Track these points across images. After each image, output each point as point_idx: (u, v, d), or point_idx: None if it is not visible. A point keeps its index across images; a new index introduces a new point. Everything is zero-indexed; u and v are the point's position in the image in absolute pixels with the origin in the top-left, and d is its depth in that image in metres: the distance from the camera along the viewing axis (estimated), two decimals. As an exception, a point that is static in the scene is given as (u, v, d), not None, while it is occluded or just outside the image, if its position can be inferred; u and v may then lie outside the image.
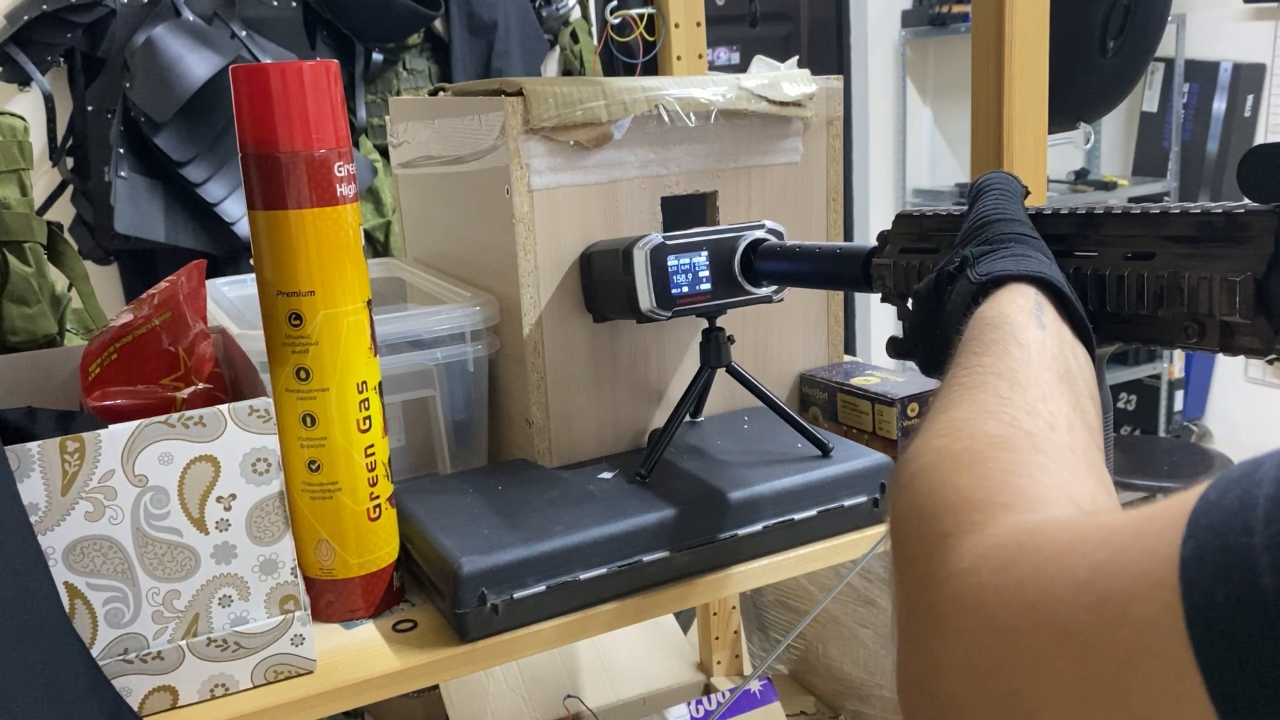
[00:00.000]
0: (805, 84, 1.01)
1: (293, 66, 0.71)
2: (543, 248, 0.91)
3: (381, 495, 0.79)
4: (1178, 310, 0.53)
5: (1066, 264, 0.59)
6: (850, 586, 1.45)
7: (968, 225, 0.61)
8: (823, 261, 0.81)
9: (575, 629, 0.79)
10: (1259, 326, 0.50)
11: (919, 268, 0.68)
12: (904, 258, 0.70)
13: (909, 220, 0.72)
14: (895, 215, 0.73)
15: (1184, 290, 0.52)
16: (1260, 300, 0.50)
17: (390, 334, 0.90)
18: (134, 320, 0.82)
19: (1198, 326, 0.53)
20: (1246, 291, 0.50)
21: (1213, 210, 0.53)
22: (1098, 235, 0.59)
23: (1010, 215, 0.60)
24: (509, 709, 1.42)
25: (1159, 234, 0.55)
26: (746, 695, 1.43)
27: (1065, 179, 3.77)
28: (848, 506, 0.88)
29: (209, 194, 1.77)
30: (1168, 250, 0.54)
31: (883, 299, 0.73)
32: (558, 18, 2.16)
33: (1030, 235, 0.59)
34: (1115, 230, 0.58)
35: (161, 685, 0.70)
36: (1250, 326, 0.50)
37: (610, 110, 0.91)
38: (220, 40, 1.79)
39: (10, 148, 1.20)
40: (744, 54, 3.39)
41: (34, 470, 0.64)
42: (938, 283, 0.60)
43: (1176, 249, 0.54)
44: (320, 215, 0.73)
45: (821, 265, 0.81)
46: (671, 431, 0.90)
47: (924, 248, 0.69)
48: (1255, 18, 3.65)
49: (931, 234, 0.69)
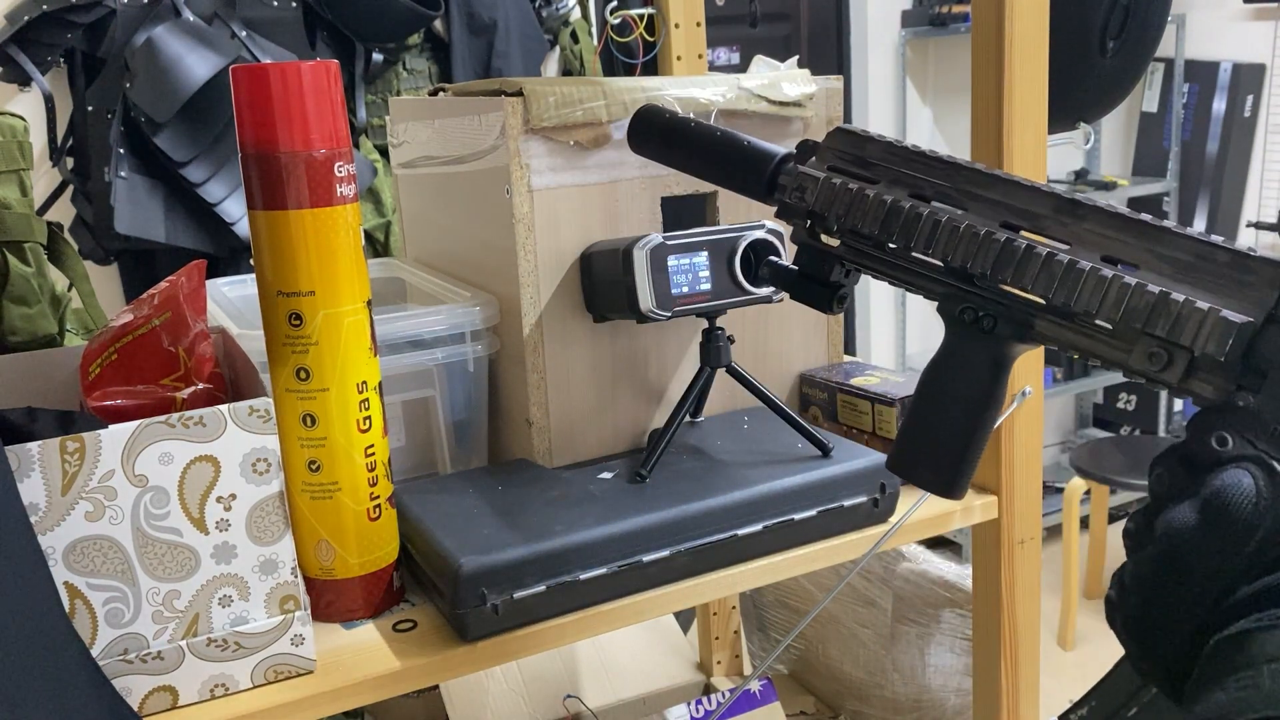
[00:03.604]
0: (805, 84, 1.01)
1: (293, 66, 0.71)
2: (543, 248, 0.91)
3: (381, 495, 0.79)
4: (1152, 331, 0.49)
5: (1026, 247, 0.53)
6: (850, 586, 1.45)
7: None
8: (721, 148, 0.71)
9: (575, 629, 0.79)
10: (1225, 375, 0.47)
11: (853, 196, 0.60)
12: (834, 176, 0.62)
13: (849, 138, 0.63)
14: (833, 129, 0.65)
15: (1170, 314, 0.48)
16: (1247, 350, 0.46)
17: (390, 334, 0.90)
18: (134, 320, 0.82)
19: (1165, 355, 0.49)
20: (1242, 335, 0.46)
21: (1219, 243, 0.49)
22: (1076, 227, 0.53)
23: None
24: (509, 709, 1.42)
25: (1150, 247, 0.51)
26: (746, 695, 1.43)
27: (1065, 179, 3.78)
28: (848, 506, 0.88)
29: (209, 194, 1.77)
30: (1154, 266, 0.50)
31: (779, 213, 0.66)
32: (558, 18, 2.16)
33: None
34: (1097, 227, 0.53)
35: (161, 685, 0.70)
36: (1217, 371, 0.47)
37: (610, 110, 0.91)
38: (220, 40, 1.79)
39: (10, 148, 1.20)
40: (744, 54, 3.39)
41: (34, 470, 0.64)
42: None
43: (1164, 268, 0.50)
44: (320, 215, 0.73)
45: (718, 150, 0.71)
46: (671, 431, 0.90)
47: (861, 175, 0.61)
48: (1255, 18, 3.65)
49: (874, 162, 0.61)
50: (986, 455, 0.96)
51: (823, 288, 0.65)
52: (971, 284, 0.57)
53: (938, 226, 0.56)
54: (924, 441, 0.61)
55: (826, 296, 0.66)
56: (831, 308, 0.66)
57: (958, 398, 0.59)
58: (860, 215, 0.60)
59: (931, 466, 0.60)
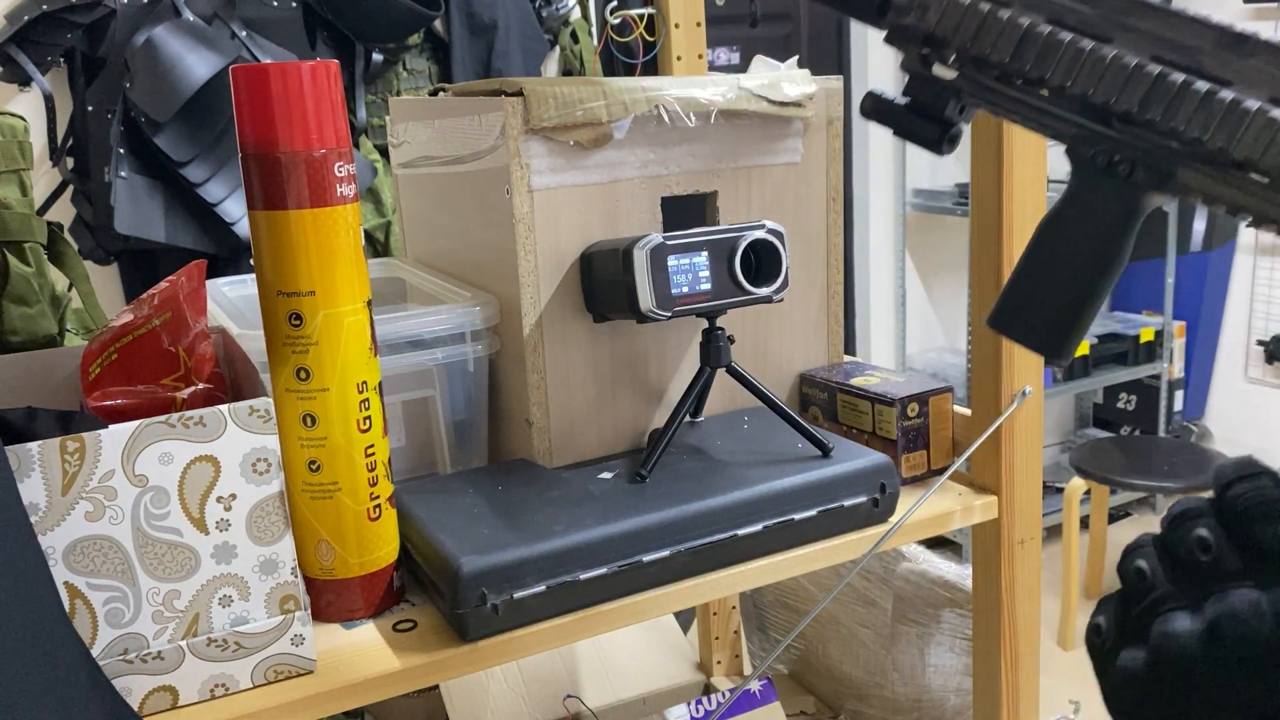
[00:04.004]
0: (805, 84, 1.01)
1: (293, 66, 0.71)
2: (543, 248, 0.91)
3: (382, 495, 0.79)
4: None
5: (1183, 82, 0.47)
6: (850, 586, 1.45)
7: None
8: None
9: (575, 629, 0.79)
10: None
11: (984, 17, 0.52)
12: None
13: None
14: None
15: None
16: None
17: (390, 334, 0.90)
18: (134, 320, 0.82)
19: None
20: None
21: None
22: (1241, 64, 0.47)
23: None
24: (509, 709, 1.42)
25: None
26: (746, 695, 1.43)
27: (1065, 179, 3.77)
28: (848, 506, 0.88)
29: (209, 194, 1.78)
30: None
31: (889, 37, 0.58)
32: (558, 18, 2.16)
33: None
34: (1267, 65, 0.46)
35: (161, 685, 0.70)
36: None
37: (610, 110, 0.91)
38: (220, 40, 1.79)
39: (10, 148, 1.20)
40: (744, 54, 3.39)
41: (34, 470, 0.64)
42: None
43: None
44: (320, 215, 0.73)
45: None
46: (671, 431, 0.90)
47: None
48: (1255, 18, 3.65)
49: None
50: (986, 455, 0.96)
51: (934, 124, 0.58)
52: (1111, 125, 0.51)
53: (1080, 56, 0.50)
54: (1034, 296, 0.55)
55: (937, 134, 0.58)
56: (941, 147, 0.59)
57: (1079, 250, 0.54)
58: (990, 40, 0.53)
59: (1039, 324, 0.55)
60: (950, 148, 0.59)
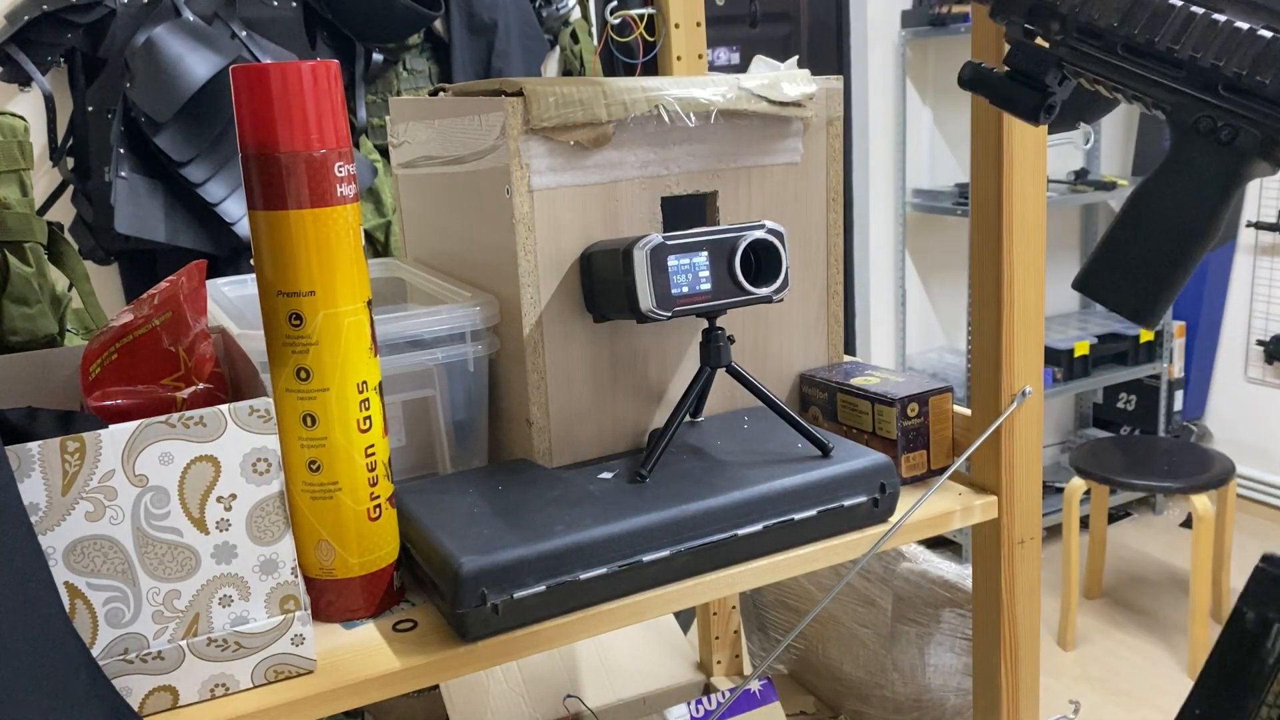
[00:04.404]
0: (805, 84, 1.01)
1: (293, 66, 0.71)
2: (543, 248, 0.91)
3: (382, 495, 0.79)
4: None
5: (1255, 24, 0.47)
6: (850, 586, 1.45)
7: None
8: None
9: (575, 629, 0.79)
10: None
11: None
12: None
13: None
14: None
15: None
16: None
17: (390, 334, 0.90)
18: (134, 320, 0.82)
19: None
20: None
21: None
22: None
23: None
24: (509, 709, 1.42)
25: None
26: (746, 695, 1.43)
27: (1065, 179, 3.77)
28: (848, 506, 0.88)
29: (209, 194, 1.78)
30: None
31: (994, 10, 0.59)
32: (558, 18, 2.16)
33: None
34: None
35: (162, 685, 0.70)
36: None
37: (610, 110, 0.91)
38: (220, 40, 1.79)
39: (10, 148, 1.20)
40: (744, 54, 3.39)
41: (34, 470, 0.64)
42: None
43: None
44: (320, 215, 0.73)
45: None
46: (671, 431, 0.90)
47: None
48: None
49: None
50: (986, 455, 0.96)
51: (1034, 92, 0.59)
52: (1215, 92, 0.51)
53: (1192, 20, 0.51)
54: (1127, 259, 0.55)
55: (1035, 103, 0.59)
56: (1038, 117, 0.60)
57: (1178, 215, 0.54)
58: (1099, 5, 0.54)
59: (1131, 287, 0.55)
60: (1046, 117, 0.60)
